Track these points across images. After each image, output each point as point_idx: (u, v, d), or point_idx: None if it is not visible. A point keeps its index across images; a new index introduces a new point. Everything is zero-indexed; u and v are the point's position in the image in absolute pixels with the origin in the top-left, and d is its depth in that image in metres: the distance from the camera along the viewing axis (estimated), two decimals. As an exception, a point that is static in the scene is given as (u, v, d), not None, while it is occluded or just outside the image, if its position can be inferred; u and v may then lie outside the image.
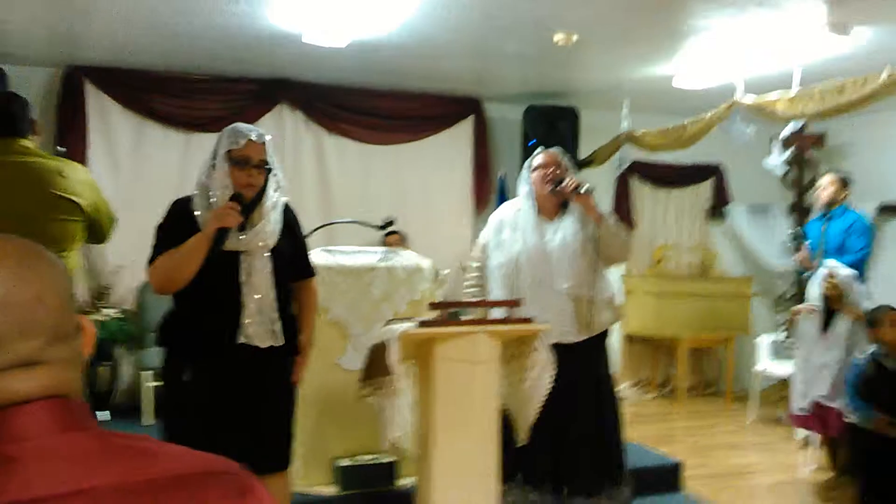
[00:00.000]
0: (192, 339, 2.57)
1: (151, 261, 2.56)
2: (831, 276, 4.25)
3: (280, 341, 2.59)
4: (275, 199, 2.66)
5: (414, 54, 5.08)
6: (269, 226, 2.60)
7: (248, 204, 2.55)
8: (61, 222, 2.99)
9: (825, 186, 4.92)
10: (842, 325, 4.20)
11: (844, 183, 4.91)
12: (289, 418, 2.72)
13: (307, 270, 2.81)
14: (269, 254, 2.58)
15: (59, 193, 2.96)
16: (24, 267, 0.83)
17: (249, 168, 2.53)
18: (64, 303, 0.86)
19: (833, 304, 4.23)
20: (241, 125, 2.62)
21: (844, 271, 4.29)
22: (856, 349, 4.03)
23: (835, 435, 4.18)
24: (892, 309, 3.80)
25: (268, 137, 2.62)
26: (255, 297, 2.54)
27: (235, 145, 2.55)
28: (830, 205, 4.90)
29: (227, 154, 2.54)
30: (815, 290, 4.36)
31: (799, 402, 4.36)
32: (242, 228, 2.54)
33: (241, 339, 2.52)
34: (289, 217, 2.71)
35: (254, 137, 2.56)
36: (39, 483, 0.76)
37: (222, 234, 2.47)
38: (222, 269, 2.52)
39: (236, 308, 2.52)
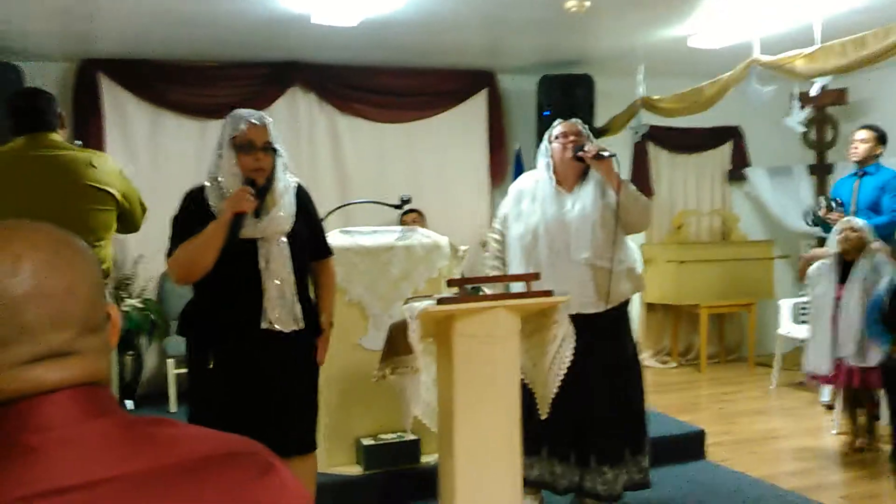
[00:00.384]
0: (214, 327, 2.60)
1: (170, 253, 2.59)
2: (851, 228, 4.16)
3: (301, 325, 2.62)
4: (285, 182, 2.67)
5: (424, 29, 5.03)
6: (284, 210, 2.62)
7: (260, 189, 2.56)
8: (96, 212, 3.05)
9: (862, 141, 4.78)
10: (860, 271, 4.08)
11: (881, 138, 4.78)
12: (313, 400, 2.75)
13: (324, 250, 2.83)
14: (285, 239, 2.60)
15: (91, 184, 3.02)
16: (57, 257, 0.84)
17: (255, 152, 2.54)
18: (95, 293, 0.87)
19: (849, 256, 4.14)
20: (240, 111, 2.63)
21: (859, 222, 4.20)
22: (874, 289, 3.96)
23: (858, 387, 4.12)
24: None
25: (269, 119, 2.63)
26: (276, 282, 2.56)
27: (237, 131, 2.56)
28: (865, 161, 4.79)
29: (232, 141, 2.56)
30: (833, 245, 4.30)
31: (816, 362, 4.26)
32: (258, 214, 2.56)
33: (265, 325, 2.56)
34: (302, 198, 2.72)
35: (254, 120, 2.57)
36: (61, 473, 0.77)
37: (238, 219, 2.48)
38: (241, 256, 2.55)
39: (257, 294, 2.56)
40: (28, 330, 0.80)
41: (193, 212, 2.57)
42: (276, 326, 2.57)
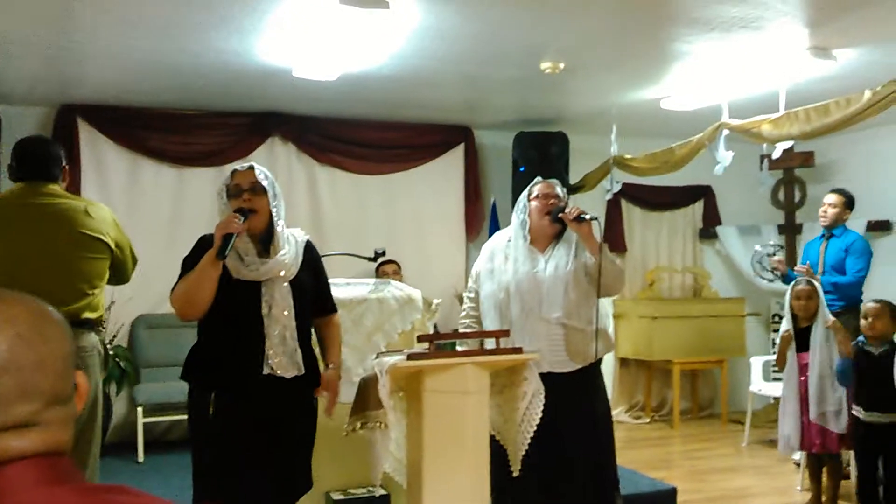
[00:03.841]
0: (217, 371, 2.64)
1: (173, 289, 2.65)
2: (807, 287, 4.21)
3: (302, 371, 2.68)
4: (287, 231, 2.78)
5: (403, 85, 5.13)
6: (287, 256, 2.70)
7: (263, 238, 2.69)
8: (90, 260, 3.06)
9: (831, 205, 4.94)
10: (818, 338, 4.11)
11: (848, 203, 4.95)
12: (311, 446, 2.80)
13: (330, 306, 2.92)
14: (288, 284, 2.67)
15: (86, 232, 3.03)
16: (32, 331, 0.86)
17: (242, 193, 2.66)
18: (65, 366, 0.88)
19: (803, 323, 4.20)
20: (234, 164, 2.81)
21: (810, 287, 4.26)
22: (834, 354, 4.05)
23: (819, 452, 4.15)
24: (874, 302, 3.96)
25: (259, 166, 2.74)
26: (278, 326, 2.63)
27: (228, 181, 2.72)
28: (833, 224, 4.94)
29: (226, 192, 2.71)
30: (787, 309, 4.34)
31: (789, 428, 4.24)
32: (261, 255, 2.66)
33: (266, 371, 2.61)
34: (311, 254, 2.84)
35: (238, 167, 2.74)
36: None
37: (227, 241, 2.54)
38: (244, 300, 2.63)
39: (260, 339, 2.61)
40: None
41: (201, 252, 2.62)
42: (278, 372, 2.62)
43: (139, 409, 5.09)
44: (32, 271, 2.88)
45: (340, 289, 3.77)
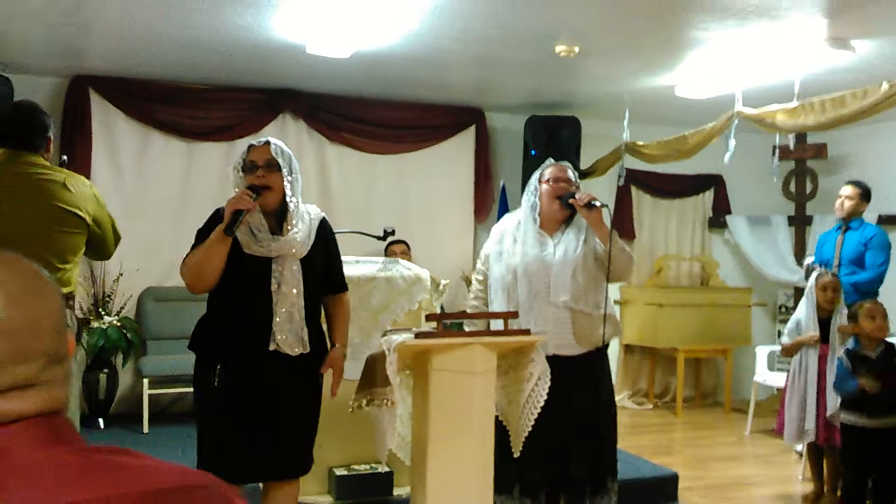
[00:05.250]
0: (224, 345, 2.66)
1: (185, 261, 2.67)
2: (834, 279, 4.20)
3: (307, 349, 2.69)
4: (302, 206, 2.77)
5: (416, 65, 5.11)
6: (300, 233, 2.70)
7: (277, 214, 2.69)
8: (63, 234, 3.02)
9: (848, 198, 4.87)
10: (835, 334, 4.12)
11: (865, 195, 4.88)
12: (314, 423, 2.81)
13: (340, 285, 2.91)
14: (299, 262, 2.68)
15: (60, 205, 2.99)
16: (23, 292, 0.85)
17: (257, 170, 2.67)
18: (59, 326, 0.88)
19: (823, 313, 4.19)
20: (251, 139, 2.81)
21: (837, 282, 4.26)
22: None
23: (822, 445, 4.16)
24: (866, 302, 3.89)
25: (275, 140, 2.73)
26: (286, 304, 2.64)
27: (244, 155, 2.72)
28: (849, 217, 4.89)
29: (242, 167, 2.72)
30: (810, 310, 4.32)
31: (797, 423, 4.23)
32: (274, 231, 2.66)
33: (272, 347, 2.62)
34: (324, 232, 2.83)
35: (255, 142, 2.73)
36: (17, 500, 0.77)
37: (237, 217, 2.55)
38: (254, 275, 2.64)
39: (268, 315, 2.63)
40: None
41: (213, 226, 2.63)
42: (284, 349, 2.63)
43: (145, 381, 5.12)
44: (0, 240, 2.85)
45: (349, 267, 3.77)
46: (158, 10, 4.09)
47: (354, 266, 3.81)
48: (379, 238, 4.72)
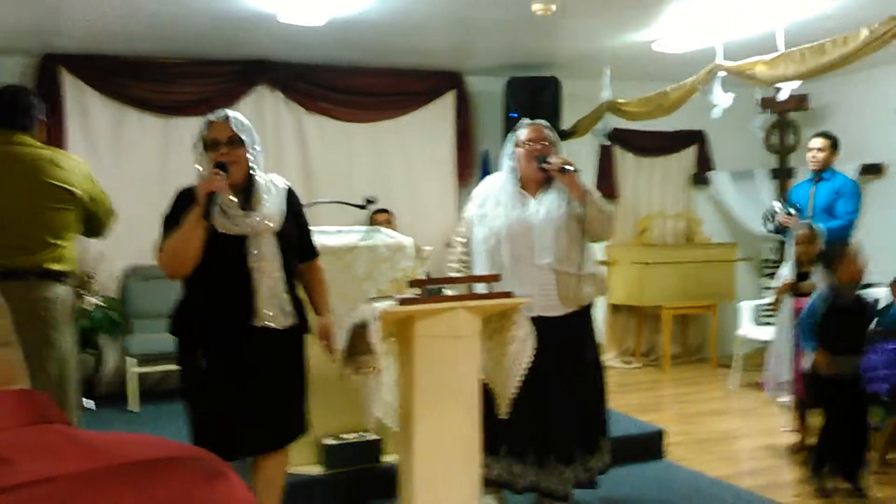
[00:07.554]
0: (206, 327, 2.64)
1: (160, 249, 2.62)
2: (810, 240, 4.22)
3: (293, 320, 2.69)
4: (267, 179, 2.73)
5: (392, 30, 5.03)
6: (271, 207, 2.67)
7: (244, 189, 2.64)
8: (56, 210, 3.01)
9: (819, 150, 4.89)
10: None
11: (834, 145, 4.91)
12: (304, 391, 2.82)
13: (311, 251, 2.91)
14: (274, 236, 2.65)
15: (52, 181, 2.98)
16: None
17: (220, 147, 2.61)
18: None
19: (805, 267, 4.20)
20: (209, 114, 2.71)
21: (817, 231, 4.27)
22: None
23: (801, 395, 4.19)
24: (847, 246, 3.87)
25: (233, 114, 2.68)
26: (266, 279, 2.62)
27: (205, 132, 2.66)
28: (823, 167, 4.91)
29: (203, 143, 2.66)
30: (791, 254, 4.36)
31: (779, 373, 4.27)
32: (244, 209, 2.62)
33: (258, 323, 2.61)
34: (292, 202, 2.80)
35: (214, 118, 2.66)
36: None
37: (212, 199, 2.51)
38: (229, 254, 2.60)
39: (248, 292, 2.60)
40: None
41: (182, 208, 2.59)
42: (271, 324, 2.62)
43: (133, 360, 5.10)
44: None
45: (331, 237, 3.76)
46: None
47: (336, 236, 3.78)
48: (360, 207, 4.67)
